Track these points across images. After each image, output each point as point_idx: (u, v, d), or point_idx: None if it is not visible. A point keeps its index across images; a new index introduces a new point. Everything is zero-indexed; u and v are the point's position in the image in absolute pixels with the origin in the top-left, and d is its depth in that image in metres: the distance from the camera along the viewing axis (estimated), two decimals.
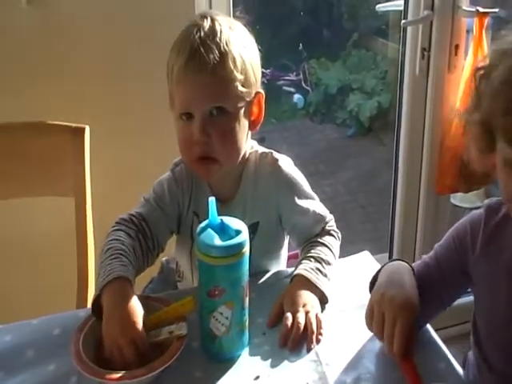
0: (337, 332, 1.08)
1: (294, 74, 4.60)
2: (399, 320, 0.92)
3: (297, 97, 4.47)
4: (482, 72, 0.87)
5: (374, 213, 3.11)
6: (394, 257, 2.20)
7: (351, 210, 3.48)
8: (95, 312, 1.02)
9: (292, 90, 4.53)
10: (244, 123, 1.15)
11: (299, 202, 1.23)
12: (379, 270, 1.07)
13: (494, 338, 1.02)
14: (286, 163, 1.24)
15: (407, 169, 2.10)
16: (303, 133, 4.30)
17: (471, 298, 1.08)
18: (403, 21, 1.99)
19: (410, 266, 1.06)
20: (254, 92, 1.15)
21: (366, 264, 1.28)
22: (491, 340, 1.03)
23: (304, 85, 4.55)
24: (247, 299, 1.03)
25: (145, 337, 0.97)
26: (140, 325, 0.97)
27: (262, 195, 1.22)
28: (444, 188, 2.03)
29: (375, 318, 0.96)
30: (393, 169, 2.17)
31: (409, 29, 2.00)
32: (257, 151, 1.24)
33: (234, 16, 5.30)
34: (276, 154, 1.25)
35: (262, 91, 1.18)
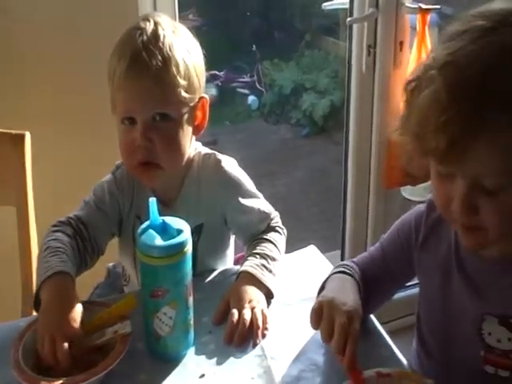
0: (283, 326, 1.09)
1: (248, 75, 4.61)
2: (351, 330, 0.92)
3: (251, 98, 4.49)
4: (412, 85, 0.86)
5: (328, 211, 3.13)
6: (347, 253, 2.22)
7: (305, 208, 3.50)
8: (37, 309, 1.01)
9: (246, 91, 4.55)
10: (187, 129, 1.15)
11: (243, 201, 1.23)
12: (326, 279, 1.08)
13: (430, 325, 1.04)
14: (229, 164, 1.24)
15: (356, 165, 2.13)
16: (257, 134, 4.31)
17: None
18: (349, 19, 2.02)
19: (355, 279, 1.06)
20: (197, 97, 1.14)
21: (312, 258, 1.29)
22: (429, 327, 1.05)
23: (258, 86, 4.57)
24: (191, 298, 1.03)
25: (81, 335, 0.96)
26: (77, 322, 0.96)
27: (206, 197, 1.22)
28: (392, 182, 2.06)
29: (325, 319, 0.94)
30: (342, 166, 2.19)
31: (355, 26, 2.02)
32: (200, 152, 1.24)
33: (186, 19, 5.23)
34: (219, 155, 1.25)
35: (206, 96, 1.17)
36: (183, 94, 1.10)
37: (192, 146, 1.21)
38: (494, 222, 0.82)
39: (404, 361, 1.02)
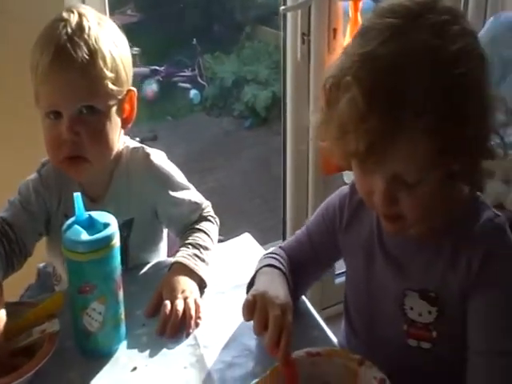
0: (216, 314, 1.09)
1: (189, 69, 4.58)
2: (286, 323, 0.92)
3: (193, 92, 4.46)
4: (330, 82, 0.86)
5: (271, 201, 3.14)
6: None
7: (248, 200, 3.51)
8: None
9: (188, 85, 4.52)
10: (116, 121, 1.13)
11: (173, 194, 1.22)
12: (256, 273, 1.06)
13: (356, 305, 1.06)
14: (158, 157, 1.23)
15: (295, 154, 2.13)
16: (200, 127, 4.30)
17: None
18: (282, 7, 2.01)
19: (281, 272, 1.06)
20: (125, 89, 1.13)
21: (247, 246, 1.30)
22: (355, 307, 1.06)
23: (200, 80, 4.54)
24: (121, 292, 1.02)
25: (2, 338, 0.93)
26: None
27: (135, 191, 1.20)
28: (330, 169, 2.07)
29: (258, 311, 0.94)
30: (281, 156, 2.20)
31: (289, 15, 2.03)
32: (128, 147, 1.22)
33: (125, 14, 5.10)
34: (147, 149, 1.23)
35: (134, 89, 1.16)
36: (110, 86, 1.08)
37: (121, 140, 1.19)
38: (412, 211, 0.86)
39: (335, 340, 1.04)
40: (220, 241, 1.32)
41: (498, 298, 0.89)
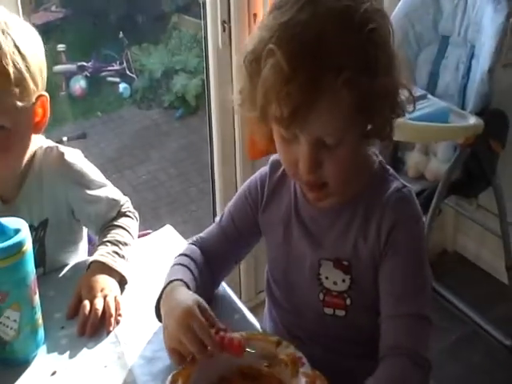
0: (137, 310, 1.09)
1: (118, 63, 4.49)
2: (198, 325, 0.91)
3: (122, 86, 4.37)
4: (250, 58, 0.88)
5: (205, 189, 3.14)
6: None
7: (184, 189, 3.50)
8: None
9: (117, 79, 4.42)
10: (25, 133, 1.11)
11: (90, 192, 1.21)
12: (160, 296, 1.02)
13: (276, 276, 1.09)
14: (72, 155, 1.21)
15: (222, 139, 2.14)
16: (131, 121, 4.23)
17: None
18: None
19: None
20: (34, 98, 1.08)
21: (168, 238, 1.29)
22: (274, 278, 1.09)
23: (128, 73, 4.46)
24: (37, 297, 1.00)
25: None
26: None
27: (49, 192, 1.18)
28: (256, 153, 2.08)
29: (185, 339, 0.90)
30: (208, 143, 2.19)
31: (208, 3, 2.01)
32: (42, 147, 1.19)
33: (49, 11, 4.92)
34: (62, 148, 1.21)
35: (45, 93, 1.11)
36: (16, 102, 1.04)
37: (34, 142, 1.16)
38: (334, 175, 0.91)
39: (256, 324, 1.05)
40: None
41: (402, 263, 0.94)
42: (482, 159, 1.86)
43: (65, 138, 1.19)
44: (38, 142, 1.19)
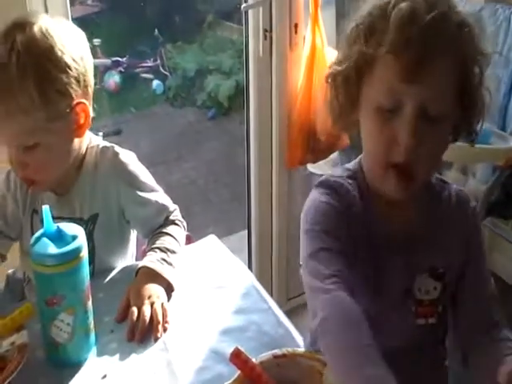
0: (184, 318, 1.11)
1: (152, 60, 4.54)
2: None
3: (156, 83, 4.42)
4: (364, 27, 0.90)
5: (238, 191, 3.17)
6: (253, 232, 2.27)
7: (215, 189, 3.52)
8: None
9: (150, 76, 4.47)
10: (64, 143, 1.15)
11: (140, 193, 1.23)
12: None
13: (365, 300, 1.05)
14: (128, 157, 1.24)
15: (258, 146, 2.16)
16: (164, 118, 4.27)
17: None
18: (243, 5, 2.02)
19: None
20: (68, 109, 1.10)
21: (212, 248, 1.32)
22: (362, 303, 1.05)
23: (162, 70, 4.50)
24: (90, 302, 1.03)
25: None
26: None
27: (102, 189, 1.22)
28: (293, 162, 2.11)
29: None
30: (245, 147, 2.22)
31: (250, 12, 2.04)
32: (98, 145, 1.23)
33: (85, 4, 4.94)
34: (117, 148, 1.24)
35: (85, 100, 1.12)
36: (46, 124, 1.08)
37: (85, 141, 1.20)
38: (430, 154, 0.90)
39: (300, 341, 1.06)
40: (187, 237, 1.34)
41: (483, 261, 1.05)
42: None
43: (100, 134, 1.21)
44: (93, 140, 1.23)
